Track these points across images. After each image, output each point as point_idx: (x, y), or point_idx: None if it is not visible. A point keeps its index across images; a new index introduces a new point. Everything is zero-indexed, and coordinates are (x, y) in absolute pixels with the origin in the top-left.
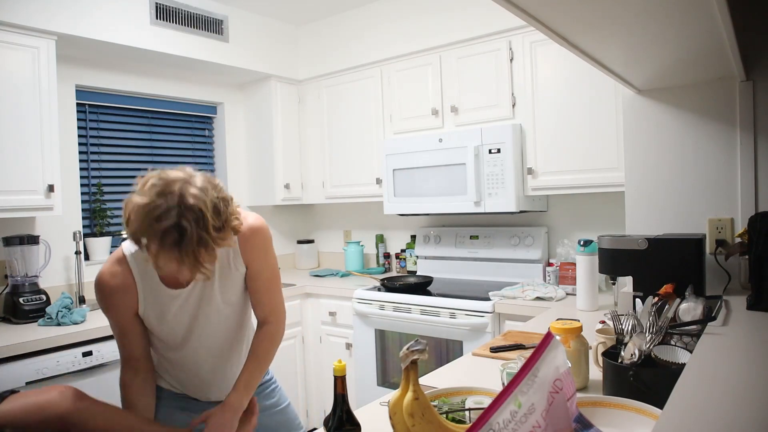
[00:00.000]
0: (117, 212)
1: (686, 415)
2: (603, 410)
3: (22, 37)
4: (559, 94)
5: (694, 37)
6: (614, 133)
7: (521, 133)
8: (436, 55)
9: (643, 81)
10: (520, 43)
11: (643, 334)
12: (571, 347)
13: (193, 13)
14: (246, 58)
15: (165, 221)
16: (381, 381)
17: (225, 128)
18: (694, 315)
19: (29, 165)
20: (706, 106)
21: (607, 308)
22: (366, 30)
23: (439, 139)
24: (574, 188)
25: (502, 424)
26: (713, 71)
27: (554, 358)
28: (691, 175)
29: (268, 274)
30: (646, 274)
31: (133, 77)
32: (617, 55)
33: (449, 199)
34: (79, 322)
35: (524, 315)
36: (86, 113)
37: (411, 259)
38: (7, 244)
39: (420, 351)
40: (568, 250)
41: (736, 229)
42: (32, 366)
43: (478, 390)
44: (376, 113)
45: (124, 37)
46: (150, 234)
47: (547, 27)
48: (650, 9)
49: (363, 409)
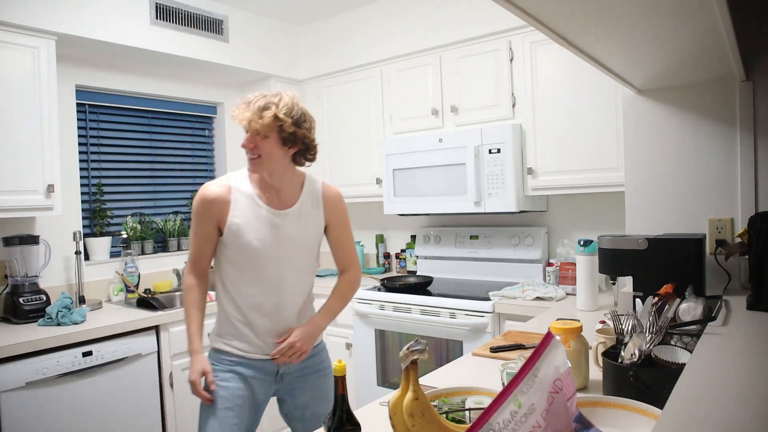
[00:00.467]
0: (117, 212)
1: (686, 415)
2: (603, 410)
3: (22, 36)
4: (559, 94)
5: (694, 37)
6: (614, 133)
7: (521, 133)
8: (436, 55)
9: (643, 81)
10: (520, 43)
11: (643, 334)
12: (571, 347)
13: (193, 13)
14: (246, 58)
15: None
16: (381, 381)
17: (225, 128)
18: (694, 315)
19: (29, 165)
20: (706, 106)
21: (607, 308)
22: (366, 30)
23: (439, 139)
24: (574, 188)
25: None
26: (713, 71)
27: (554, 358)
28: (691, 175)
29: (346, 234)
30: (646, 274)
31: (133, 77)
32: (617, 55)
33: (449, 199)
34: (79, 322)
35: (524, 315)
36: (86, 113)
37: (411, 259)
38: (7, 244)
39: (420, 351)
40: (568, 250)
41: (736, 229)
42: (32, 366)
43: (478, 390)
44: (376, 113)
45: (124, 37)
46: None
47: (547, 27)
48: (650, 9)
49: (363, 409)
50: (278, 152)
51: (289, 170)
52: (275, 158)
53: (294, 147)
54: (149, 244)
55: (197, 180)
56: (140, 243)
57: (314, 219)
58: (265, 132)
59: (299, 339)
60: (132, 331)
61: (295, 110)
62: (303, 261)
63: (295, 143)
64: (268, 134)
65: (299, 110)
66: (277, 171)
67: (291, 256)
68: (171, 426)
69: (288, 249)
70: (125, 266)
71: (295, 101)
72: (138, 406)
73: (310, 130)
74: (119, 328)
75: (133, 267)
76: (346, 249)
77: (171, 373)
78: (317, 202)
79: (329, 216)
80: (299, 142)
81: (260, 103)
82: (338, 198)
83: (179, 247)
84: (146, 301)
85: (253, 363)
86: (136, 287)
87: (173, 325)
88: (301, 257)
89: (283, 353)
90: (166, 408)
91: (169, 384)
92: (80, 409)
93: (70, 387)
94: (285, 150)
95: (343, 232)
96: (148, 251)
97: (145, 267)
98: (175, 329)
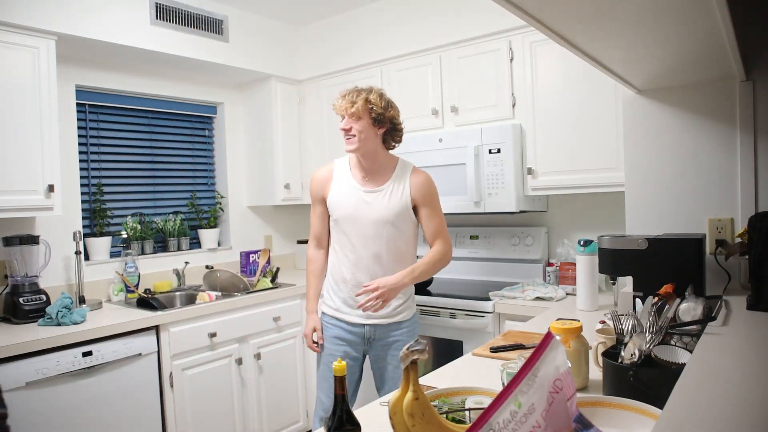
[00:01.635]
0: (117, 212)
1: (686, 415)
2: (603, 410)
3: (22, 37)
4: (559, 94)
5: (694, 37)
6: (614, 133)
7: (521, 133)
8: (436, 55)
9: (643, 81)
10: (520, 43)
11: (643, 334)
12: (571, 347)
13: (193, 13)
14: (246, 58)
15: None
16: None
17: (225, 128)
18: (694, 315)
19: (29, 165)
20: (706, 106)
21: (607, 308)
22: (366, 30)
23: (439, 139)
24: (574, 188)
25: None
26: (713, 71)
27: (554, 358)
28: (691, 175)
29: (433, 212)
30: (646, 274)
31: (133, 77)
32: (617, 55)
33: (449, 199)
34: (79, 322)
35: (524, 315)
36: (86, 113)
37: None
38: (7, 244)
39: (420, 351)
40: (568, 250)
41: (736, 229)
42: (32, 366)
43: (478, 390)
44: None
45: (124, 37)
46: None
47: (547, 27)
48: (650, 9)
49: (363, 409)
50: (370, 131)
51: (381, 153)
52: (368, 136)
53: (383, 127)
54: (149, 244)
55: (197, 180)
56: (140, 243)
57: (401, 198)
58: (359, 114)
59: (380, 285)
60: (132, 331)
61: (383, 97)
62: (392, 234)
63: (383, 124)
64: (361, 116)
65: (386, 98)
66: (369, 151)
67: (379, 230)
68: (171, 426)
69: (377, 223)
70: (125, 266)
71: (382, 92)
72: (138, 406)
73: (397, 113)
74: (119, 328)
75: (133, 267)
76: (432, 225)
77: (171, 373)
78: (405, 183)
79: (415, 196)
80: (387, 122)
81: (353, 94)
82: (425, 181)
83: (179, 247)
84: (146, 301)
85: (346, 326)
86: (136, 287)
87: (173, 325)
88: (389, 231)
89: (367, 300)
90: (166, 408)
91: (169, 384)
92: (80, 409)
93: (70, 387)
94: (375, 130)
95: (430, 211)
96: (148, 251)
97: (145, 267)
98: (175, 329)
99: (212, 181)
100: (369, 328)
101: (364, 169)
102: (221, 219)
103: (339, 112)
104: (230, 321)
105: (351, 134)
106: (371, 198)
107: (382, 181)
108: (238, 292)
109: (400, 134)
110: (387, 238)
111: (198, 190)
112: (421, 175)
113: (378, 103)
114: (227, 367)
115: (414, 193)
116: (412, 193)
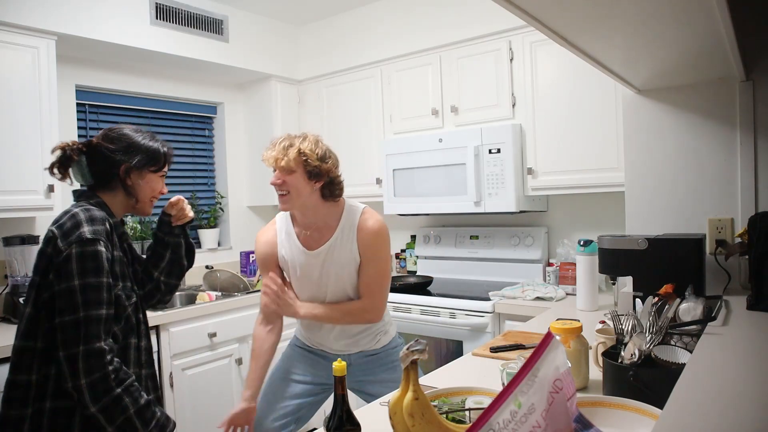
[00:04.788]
0: None
1: (686, 415)
2: (603, 410)
3: (22, 37)
4: (559, 94)
5: (694, 37)
6: (614, 133)
7: (521, 133)
8: (436, 55)
9: (643, 81)
10: (520, 43)
11: (643, 334)
12: (571, 347)
13: (193, 13)
14: (246, 58)
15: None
16: None
17: (225, 128)
18: (694, 315)
19: (29, 165)
20: (706, 106)
21: (607, 308)
22: (366, 30)
23: (439, 139)
24: (574, 188)
25: (502, 424)
26: (713, 71)
27: (554, 358)
28: (691, 175)
29: (371, 268)
30: (646, 274)
31: (133, 77)
32: (617, 55)
33: (449, 199)
34: None
35: (524, 315)
36: (86, 113)
37: (411, 259)
38: (7, 244)
39: (420, 351)
40: (568, 250)
41: (736, 229)
42: None
43: (478, 390)
44: (376, 113)
45: (124, 37)
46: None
47: (547, 27)
48: (650, 9)
49: (363, 409)
50: (305, 187)
51: (321, 206)
52: (303, 193)
53: (319, 181)
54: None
55: (197, 180)
56: (140, 243)
57: (348, 252)
58: (291, 167)
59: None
60: None
61: (319, 146)
62: (342, 286)
63: (320, 177)
64: (294, 169)
65: (323, 147)
66: (307, 207)
67: (330, 283)
68: None
69: (327, 277)
70: None
71: (318, 139)
72: None
73: (335, 165)
74: None
75: None
76: (364, 280)
77: (171, 373)
78: (352, 238)
79: (363, 252)
80: (324, 175)
81: (285, 143)
82: (374, 236)
83: None
84: None
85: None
86: None
87: (173, 325)
88: (339, 284)
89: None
90: (166, 408)
91: (169, 384)
92: None
93: None
94: (312, 184)
95: (368, 266)
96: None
97: None
98: (174, 329)
99: (212, 181)
100: (344, 356)
101: (304, 225)
102: (221, 219)
103: (268, 164)
104: (230, 321)
105: (283, 190)
106: (314, 259)
107: (327, 237)
108: (238, 292)
109: (339, 187)
110: (338, 288)
111: (198, 190)
112: (369, 229)
113: (312, 156)
114: (227, 367)
115: (362, 250)
116: (360, 250)
